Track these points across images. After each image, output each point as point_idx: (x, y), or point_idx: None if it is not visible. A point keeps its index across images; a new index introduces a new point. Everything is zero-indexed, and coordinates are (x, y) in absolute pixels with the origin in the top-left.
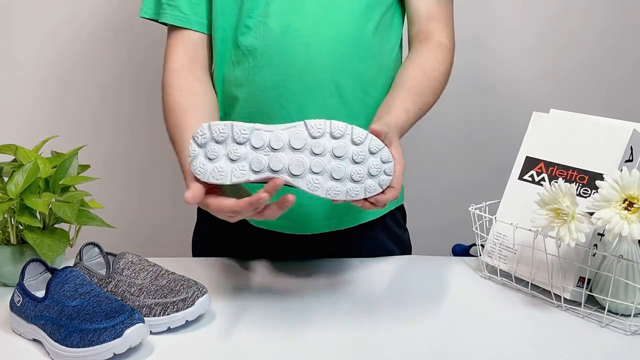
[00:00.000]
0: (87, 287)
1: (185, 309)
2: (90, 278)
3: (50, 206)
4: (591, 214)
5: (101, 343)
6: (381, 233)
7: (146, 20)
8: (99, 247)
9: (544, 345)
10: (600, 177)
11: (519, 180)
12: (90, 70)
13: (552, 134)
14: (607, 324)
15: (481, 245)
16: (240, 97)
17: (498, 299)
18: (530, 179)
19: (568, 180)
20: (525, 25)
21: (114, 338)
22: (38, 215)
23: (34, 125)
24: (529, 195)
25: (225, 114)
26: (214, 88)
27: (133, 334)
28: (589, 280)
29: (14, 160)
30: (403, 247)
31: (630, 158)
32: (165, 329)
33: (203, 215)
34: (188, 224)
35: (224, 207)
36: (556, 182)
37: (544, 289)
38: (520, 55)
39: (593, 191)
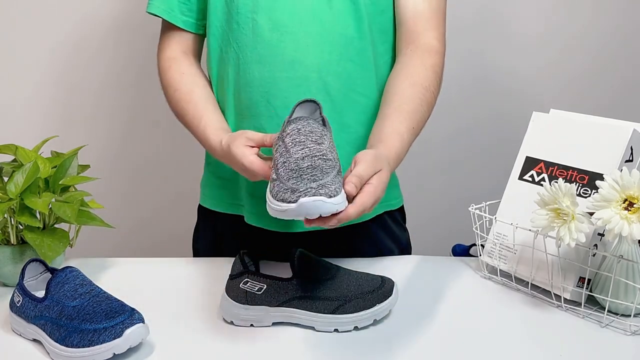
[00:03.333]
0: (87, 287)
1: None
2: None
3: (50, 206)
4: (591, 214)
5: (101, 343)
6: (381, 233)
7: (147, 19)
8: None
9: (544, 345)
10: (600, 177)
11: (519, 180)
12: (91, 71)
13: (552, 134)
14: (607, 324)
15: (481, 245)
16: (230, 93)
17: (498, 299)
18: (530, 179)
19: (568, 180)
20: (526, 26)
21: (114, 338)
22: (38, 215)
23: (34, 125)
24: (529, 195)
25: None
26: (209, 84)
27: (133, 334)
28: (589, 280)
29: (14, 160)
30: (403, 247)
31: (630, 158)
32: None
33: (203, 215)
34: (188, 224)
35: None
36: (556, 182)
37: (544, 289)
38: (521, 56)
39: (593, 191)
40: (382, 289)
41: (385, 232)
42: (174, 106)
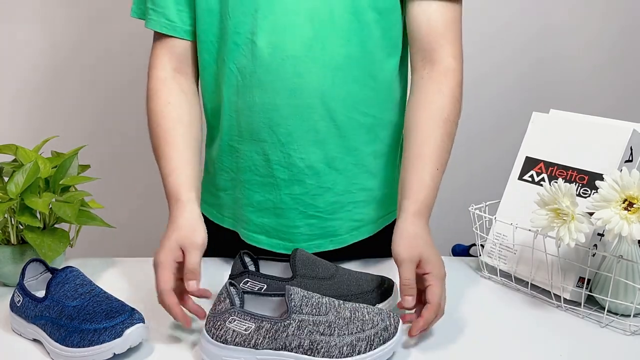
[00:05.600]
0: (87, 287)
1: None
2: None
3: (50, 206)
4: (591, 214)
5: (101, 343)
6: (382, 239)
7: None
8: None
9: (544, 345)
10: (600, 177)
11: (519, 181)
12: (91, 71)
13: (552, 134)
14: (607, 324)
15: (481, 245)
16: (227, 114)
17: (498, 299)
18: (530, 179)
19: (568, 180)
20: (526, 25)
21: (114, 338)
22: (38, 215)
23: (34, 125)
24: (528, 195)
25: (212, 127)
26: (201, 97)
27: (133, 334)
28: (588, 280)
29: (14, 160)
30: None
31: (630, 158)
32: None
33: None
34: None
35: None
36: (556, 182)
37: (543, 289)
38: (521, 56)
39: (593, 191)
40: (382, 289)
41: (388, 235)
42: (152, 139)
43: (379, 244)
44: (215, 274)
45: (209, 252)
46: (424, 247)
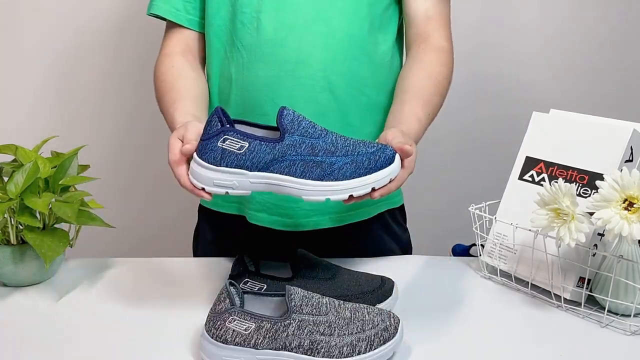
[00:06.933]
0: (320, 127)
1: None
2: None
3: (50, 206)
4: (591, 214)
5: (379, 169)
6: (382, 232)
7: (147, 20)
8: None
9: (544, 345)
10: (600, 177)
11: (519, 181)
12: (91, 71)
13: (552, 134)
14: (607, 324)
15: (481, 245)
16: (234, 93)
17: (498, 299)
18: (530, 179)
19: (568, 180)
20: (526, 26)
21: (389, 163)
22: (38, 215)
23: (34, 125)
24: (529, 195)
25: None
26: (209, 85)
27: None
28: (589, 280)
29: (14, 160)
30: (403, 246)
31: (630, 158)
32: None
33: (203, 215)
34: (188, 224)
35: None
36: (556, 182)
37: (544, 289)
38: (520, 56)
39: (593, 191)
40: (382, 289)
41: (387, 232)
42: (157, 96)
43: (373, 240)
44: (215, 274)
45: (211, 251)
46: (414, 147)
